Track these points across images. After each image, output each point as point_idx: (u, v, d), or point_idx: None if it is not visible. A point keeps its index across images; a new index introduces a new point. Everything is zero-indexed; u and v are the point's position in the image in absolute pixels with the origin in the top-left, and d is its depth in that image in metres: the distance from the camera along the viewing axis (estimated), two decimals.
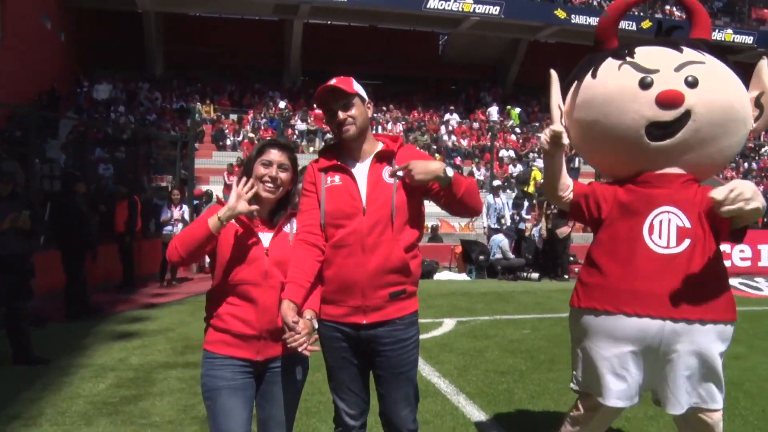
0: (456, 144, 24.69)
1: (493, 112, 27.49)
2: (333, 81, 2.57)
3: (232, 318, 2.47)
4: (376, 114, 22.70)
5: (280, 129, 22.02)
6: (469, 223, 17.43)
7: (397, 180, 2.55)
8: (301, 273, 2.48)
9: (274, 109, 25.14)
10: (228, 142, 22.15)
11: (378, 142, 2.69)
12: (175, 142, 16.41)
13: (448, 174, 2.49)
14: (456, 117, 27.23)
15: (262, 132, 22.55)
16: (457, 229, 17.71)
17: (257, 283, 2.47)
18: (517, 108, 28.46)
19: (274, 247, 2.52)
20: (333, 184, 2.58)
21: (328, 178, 2.60)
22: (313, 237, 2.55)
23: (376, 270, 2.50)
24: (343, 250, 2.52)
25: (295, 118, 24.26)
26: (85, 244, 8.12)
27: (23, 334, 5.86)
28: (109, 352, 6.24)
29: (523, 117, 28.44)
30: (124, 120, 21.54)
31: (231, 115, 24.24)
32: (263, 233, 2.55)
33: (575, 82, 2.96)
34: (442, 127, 26.12)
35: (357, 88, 2.59)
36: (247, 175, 2.54)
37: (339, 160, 2.62)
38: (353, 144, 2.60)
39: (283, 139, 4.65)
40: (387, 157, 2.61)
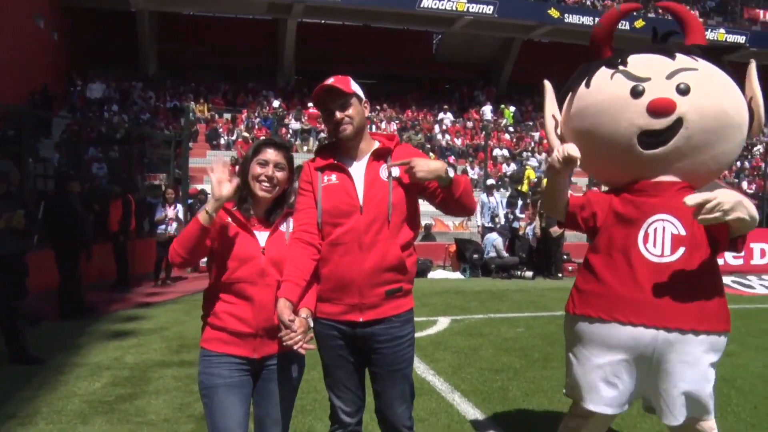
0: (450, 143, 24.73)
1: (487, 111, 27.58)
2: (330, 80, 2.58)
3: (228, 316, 2.49)
4: (370, 113, 22.78)
5: (274, 128, 21.99)
6: (463, 221, 17.47)
7: (393, 178, 2.57)
8: (297, 271, 2.49)
9: (268, 108, 25.13)
10: (222, 141, 22.13)
11: (374, 140, 2.70)
12: (169, 141, 16.35)
13: (449, 174, 2.51)
14: (450, 116, 27.28)
15: (256, 131, 22.52)
16: (451, 228, 17.75)
17: (253, 281, 2.48)
18: (511, 107, 28.53)
19: (271, 245, 2.54)
20: (330, 183, 2.59)
21: (325, 177, 2.61)
22: (309, 236, 2.56)
23: (372, 268, 2.51)
24: (340, 248, 2.53)
25: (289, 117, 24.27)
26: (80, 244, 8.11)
27: (19, 333, 5.86)
28: (104, 351, 6.23)
29: (517, 116, 28.51)
30: (118, 119, 21.46)
31: (225, 115, 24.23)
32: (259, 232, 2.56)
33: (570, 92, 2.96)
34: (436, 126, 26.17)
35: (354, 87, 2.60)
36: (244, 175, 2.56)
37: (335, 159, 2.63)
38: (350, 143, 2.61)
39: (279, 138, 4.67)
40: (383, 156, 2.63)
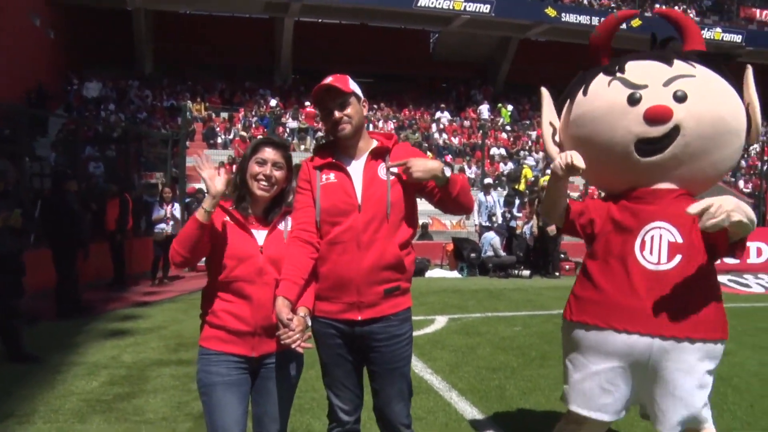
0: (447, 142, 24.77)
1: (484, 110, 27.61)
2: (329, 79, 2.57)
3: (227, 314, 2.49)
4: (367, 112, 22.80)
5: (271, 127, 21.99)
6: (460, 220, 17.51)
7: (391, 177, 2.58)
8: (295, 270, 2.49)
9: (265, 107, 25.12)
10: (219, 140, 22.12)
11: (372, 139, 2.70)
12: (166, 140, 16.35)
13: (446, 173, 2.51)
14: (447, 115, 27.31)
15: (253, 130, 22.51)
16: (449, 227, 17.78)
17: (252, 280, 2.49)
18: (509, 106, 28.56)
19: (269, 244, 2.54)
20: (328, 182, 2.59)
21: (323, 176, 2.61)
22: (307, 234, 2.56)
23: (371, 267, 2.52)
24: (338, 247, 2.53)
25: (286, 116, 24.27)
26: (77, 243, 8.10)
27: (16, 331, 5.86)
28: (101, 350, 6.23)
29: (514, 115, 28.55)
30: (115, 118, 21.45)
31: (222, 113, 24.21)
32: (258, 231, 2.56)
33: (568, 99, 2.95)
34: (433, 125, 26.20)
35: (353, 86, 2.60)
36: (242, 174, 2.56)
37: (334, 158, 2.63)
38: (348, 142, 2.62)
39: (278, 137, 4.67)
40: (382, 155, 2.64)
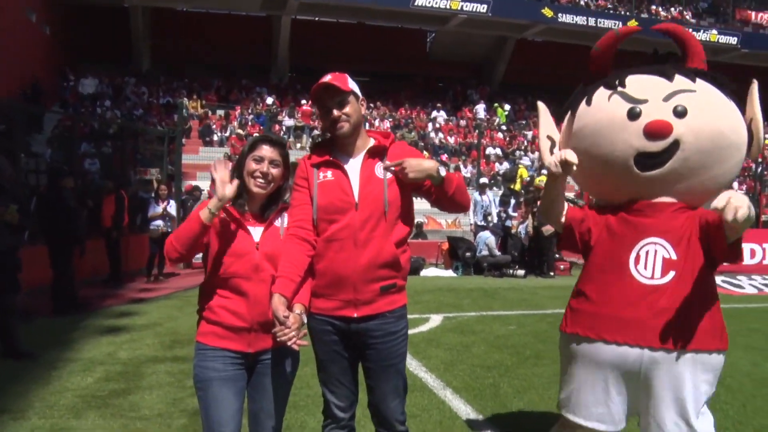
0: (443, 141, 24.78)
1: (480, 110, 27.64)
2: (328, 78, 2.58)
3: (223, 310, 2.51)
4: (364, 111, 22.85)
5: (267, 125, 21.97)
6: (455, 220, 17.54)
7: (389, 175, 2.59)
8: (292, 267, 2.51)
9: (262, 105, 25.10)
10: (215, 137, 22.08)
11: (370, 138, 2.71)
12: (162, 137, 16.34)
13: (441, 173, 2.53)
14: (443, 114, 27.33)
15: (249, 128, 22.48)
16: (444, 226, 17.81)
17: (248, 276, 2.51)
18: (505, 105, 28.58)
19: (265, 241, 2.56)
20: (325, 180, 2.61)
21: (321, 174, 2.62)
22: (303, 232, 2.58)
23: (367, 264, 2.53)
24: (335, 245, 2.55)
25: (283, 114, 24.25)
26: (73, 239, 8.10)
27: (11, 328, 5.85)
28: (97, 347, 6.24)
29: (510, 115, 28.57)
30: (111, 115, 21.39)
31: (218, 111, 24.16)
32: (254, 227, 2.58)
33: (569, 112, 2.96)
34: (429, 124, 26.20)
35: (352, 85, 2.61)
36: (239, 171, 2.58)
37: (331, 156, 2.64)
38: (346, 140, 2.63)
39: (275, 135, 4.68)
40: (379, 153, 2.65)
